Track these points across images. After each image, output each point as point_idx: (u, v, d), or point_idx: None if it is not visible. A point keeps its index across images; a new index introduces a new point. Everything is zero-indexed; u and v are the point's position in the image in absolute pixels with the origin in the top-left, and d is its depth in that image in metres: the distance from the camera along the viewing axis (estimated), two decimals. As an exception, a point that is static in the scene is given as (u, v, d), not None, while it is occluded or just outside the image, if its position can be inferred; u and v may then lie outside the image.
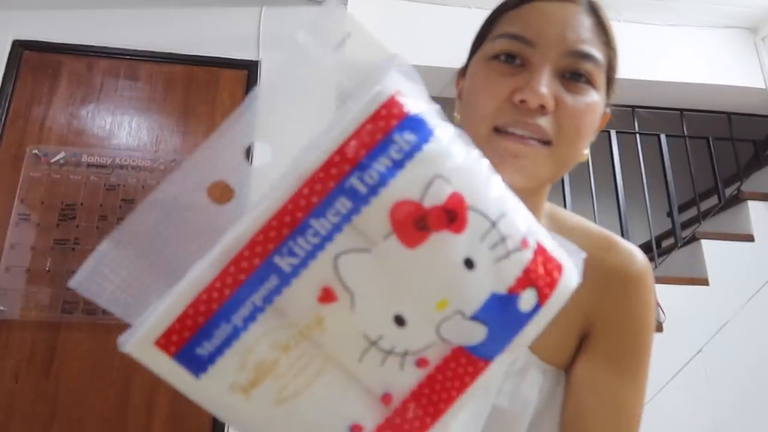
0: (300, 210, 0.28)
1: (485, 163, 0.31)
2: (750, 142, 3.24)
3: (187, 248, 0.29)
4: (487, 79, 0.49)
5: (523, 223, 0.31)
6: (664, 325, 2.47)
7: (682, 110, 3.08)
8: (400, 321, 0.29)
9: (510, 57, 0.49)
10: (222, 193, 0.32)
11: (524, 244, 0.30)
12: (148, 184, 2.03)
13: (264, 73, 2.26)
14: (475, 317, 0.29)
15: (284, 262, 0.28)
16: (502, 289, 0.29)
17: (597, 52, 0.49)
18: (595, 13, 0.50)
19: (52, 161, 2.00)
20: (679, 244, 2.81)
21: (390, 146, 0.28)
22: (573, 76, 0.48)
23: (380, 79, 0.29)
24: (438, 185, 0.28)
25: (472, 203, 0.29)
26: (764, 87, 2.93)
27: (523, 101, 0.46)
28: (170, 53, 2.21)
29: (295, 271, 0.28)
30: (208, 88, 2.21)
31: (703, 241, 2.69)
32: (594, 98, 0.49)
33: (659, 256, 2.85)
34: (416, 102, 0.30)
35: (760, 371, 2.45)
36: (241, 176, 0.32)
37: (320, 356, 0.29)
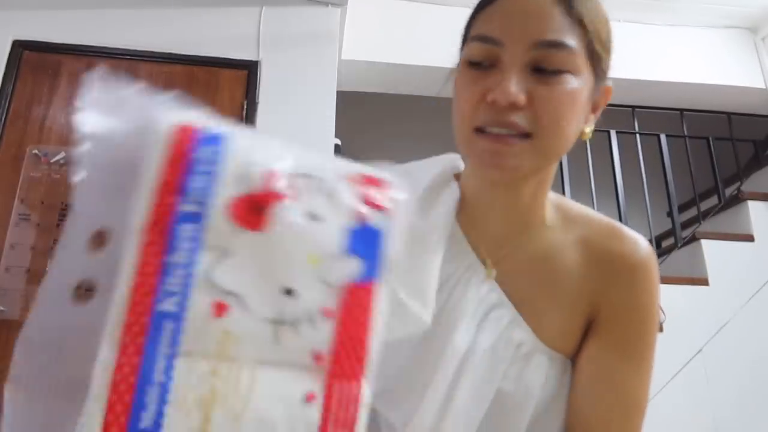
0: (156, 255, 0.30)
1: (277, 140, 0.36)
2: (750, 142, 3.24)
3: (83, 360, 0.30)
4: (463, 83, 0.51)
5: (341, 168, 0.36)
6: (664, 325, 2.47)
7: (682, 110, 3.08)
8: (289, 292, 0.32)
9: (482, 59, 0.50)
10: (85, 292, 0.33)
11: (350, 179, 0.35)
12: (148, 184, 2.03)
13: (264, 73, 2.26)
14: (344, 254, 0.33)
15: (168, 305, 0.30)
16: (351, 222, 0.34)
17: (567, 37, 0.48)
18: None
19: (52, 161, 2.00)
20: (679, 244, 2.81)
21: (197, 165, 0.31)
22: (544, 67, 0.48)
23: (155, 120, 0.32)
24: (252, 173, 0.32)
25: (289, 171, 0.33)
26: (764, 87, 2.93)
27: (494, 101, 0.48)
28: (170, 53, 2.21)
29: (182, 306, 0.30)
30: (208, 88, 2.21)
31: (703, 241, 2.69)
32: (572, 84, 0.49)
33: (659, 256, 2.85)
34: (198, 120, 0.33)
35: (760, 371, 2.45)
36: (100, 268, 0.33)
37: (245, 361, 0.31)
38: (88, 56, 2.16)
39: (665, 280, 2.61)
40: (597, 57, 0.51)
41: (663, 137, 2.98)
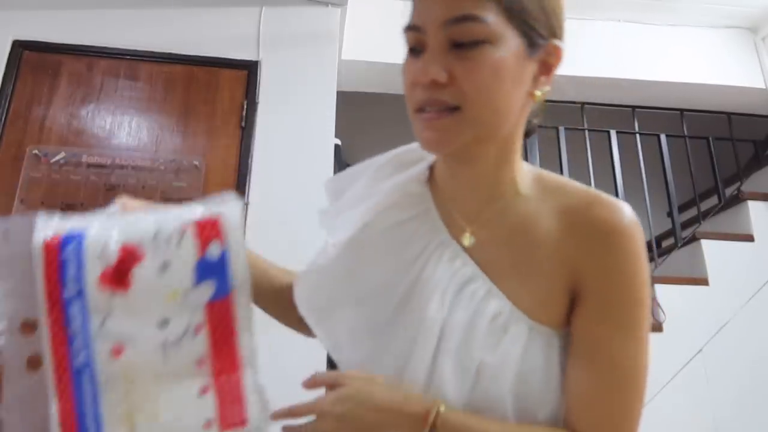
0: (60, 329, 0.43)
1: (117, 217, 0.51)
2: (750, 142, 3.24)
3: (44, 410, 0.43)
4: (404, 72, 0.56)
5: (174, 220, 0.47)
6: (664, 325, 2.47)
7: (682, 110, 3.08)
8: (165, 322, 0.44)
9: (415, 46, 0.54)
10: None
11: (184, 228, 0.46)
12: (148, 185, 2.03)
13: (264, 73, 2.26)
14: (198, 282, 0.45)
15: (80, 359, 0.42)
16: (196, 257, 0.45)
17: (476, 9, 0.50)
18: None
19: (52, 161, 2.00)
20: (679, 244, 2.81)
21: (66, 261, 0.44)
22: (460, 41, 0.51)
23: (33, 242, 0.45)
24: (109, 251, 0.44)
25: (133, 240, 0.45)
26: (764, 87, 2.93)
27: (416, 81, 0.52)
28: (170, 53, 2.20)
29: (89, 357, 0.43)
30: (208, 88, 2.20)
31: (703, 241, 2.69)
32: (491, 54, 0.51)
33: (659, 256, 2.85)
34: (60, 228, 0.46)
35: (760, 371, 2.45)
36: (38, 345, 0.45)
37: (148, 379, 0.44)
38: (89, 56, 2.16)
39: (665, 280, 2.61)
40: (520, 19, 0.53)
41: (663, 137, 2.98)
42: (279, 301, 0.70)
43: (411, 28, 0.54)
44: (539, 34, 0.55)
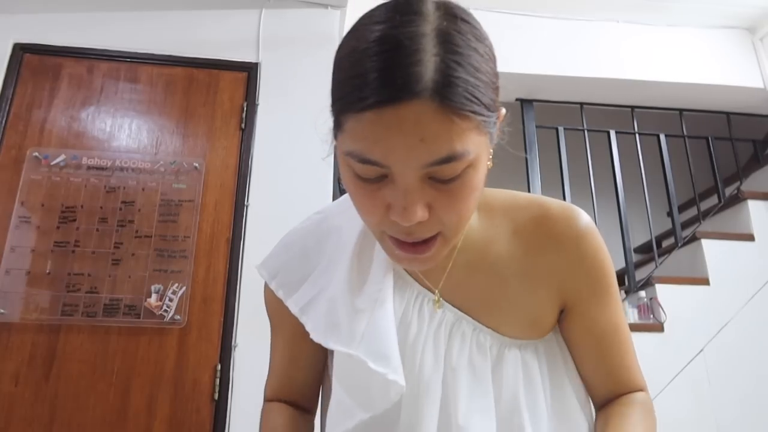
0: None
1: None
2: (749, 141, 3.25)
3: None
4: (357, 193, 0.47)
5: None
6: (665, 325, 2.47)
7: (681, 110, 3.09)
8: None
9: (370, 176, 0.45)
10: None
11: None
12: (149, 186, 2.03)
13: (264, 75, 2.26)
14: None
15: None
16: None
17: (459, 142, 0.42)
18: (444, 92, 0.41)
19: (52, 164, 2.00)
20: (680, 244, 2.81)
21: None
22: (440, 178, 0.44)
23: None
24: None
25: None
26: (763, 87, 2.93)
27: (398, 223, 0.45)
28: (170, 55, 2.21)
29: None
30: (208, 90, 2.21)
31: (704, 241, 2.69)
32: (471, 179, 0.46)
33: (659, 256, 2.85)
34: None
35: (762, 371, 2.45)
36: None
37: None
38: (89, 59, 2.17)
39: (666, 280, 2.61)
40: (489, 119, 0.46)
41: (662, 137, 2.98)
42: None
43: (368, 162, 0.43)
44: (496, 111, 0.48)
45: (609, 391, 0.61)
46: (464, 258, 0.59)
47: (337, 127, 0.46)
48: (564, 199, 2.74)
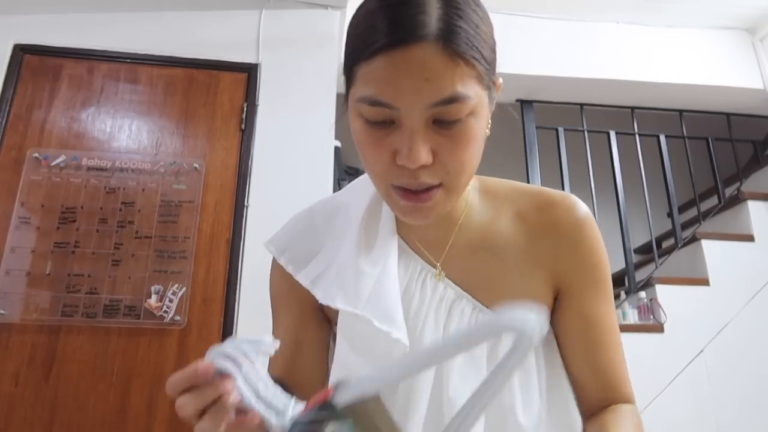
0: None
1: None
2: (749, 142, 3.25)
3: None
4: (366, 141, 0.50)
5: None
6: (665, 326, 2.47)
7: (681, 111, 3.09)
8: None
9: (379, 119, 0.48)
10: None
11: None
12: (148, 187, 2.03)
13: (264, 76, 2.26)
14: None
15: None
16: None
17: (461, 85, 0.46)
18: (447, 37, 0.46)
19: (52, 164, 2.00)
20: (680, 245, 2.81)
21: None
22: (444, 119, 0.47)
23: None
24: None
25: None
26: (763, 88, 2.94)
27: (404, 166, 0.48)
28: (170, 56, 2.21)
29: None
30: (208, 90, 2.21)
31: (704, 242, 2.69)
32: (472, 126, 0.49)
33: (659, 256, 2.85)
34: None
35: (762, 371, 2.44)
36: None
37: None
38: (89, 60, 2.17)
39: (666, 280, 2.61)
40: (489, 75, 0.50)
41: (662, 138, 2.99)
42: None
43: (377, 104, 0.47)
44: (493, 75, 0.52)
45: (597, 392, 0.59)
46: (465, 237, 0.61)
47: (350, 81, 0.50)
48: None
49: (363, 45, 0.47)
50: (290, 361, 0.63)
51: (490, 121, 0.54)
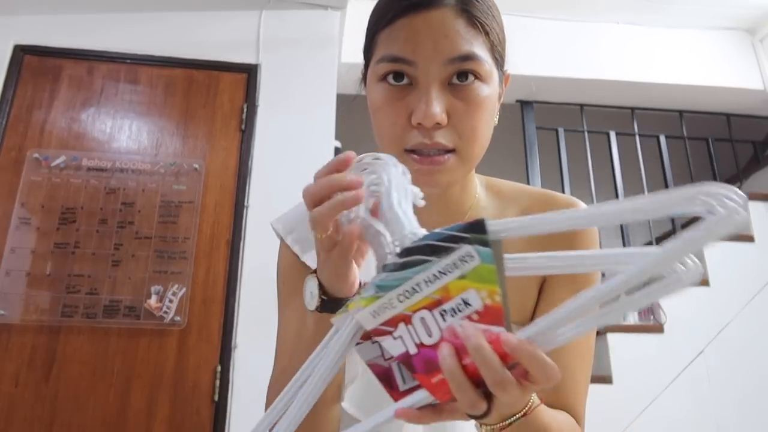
0: None
1: None
2: (749, 143, 3.25)
3: None
4: (383, 103, 0.52)
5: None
6: (665, 327, 2.47)
7: (681, 111, 3.09)
8: None
9: (397, 77, 0.51)
10: None
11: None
12: (149, 188, 2.03)
13: (264, 76, 2.26)
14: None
15: None
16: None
17: (476, 47, 0.50)
18: (466, 3, 0.51)
19: (52, 165, 2.00)
20: (680, 245, 2.81)
21: None
22: (459, 78, 0.50)
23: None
24: None
25: None
26: (763, 88, 2.94)
27: (420, 124, 0.50)
28: (170, 57, 2.21)
29: None
30: (208, 91, 2.21)
31: (704, 242, 2.68)
32: (484, 91, 0.51)
33: (660, 257, 2.85)
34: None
35: (762, 371, 2.44)
36: None
37: None
38: (89, 60, 2.17)
39: (666, 281, 2.61)
40: (500, 56, 0.54)
41: (662, 138, 2.99)
42: None
43: (397, 60, 0.50)
44: (503, 65, 0.56)
45: (547, 400, 0.56)
46: None
47: (370, 51, 0.54)
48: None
49: (386, 11, 0.51)
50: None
51: (498, 111, 0.56)
